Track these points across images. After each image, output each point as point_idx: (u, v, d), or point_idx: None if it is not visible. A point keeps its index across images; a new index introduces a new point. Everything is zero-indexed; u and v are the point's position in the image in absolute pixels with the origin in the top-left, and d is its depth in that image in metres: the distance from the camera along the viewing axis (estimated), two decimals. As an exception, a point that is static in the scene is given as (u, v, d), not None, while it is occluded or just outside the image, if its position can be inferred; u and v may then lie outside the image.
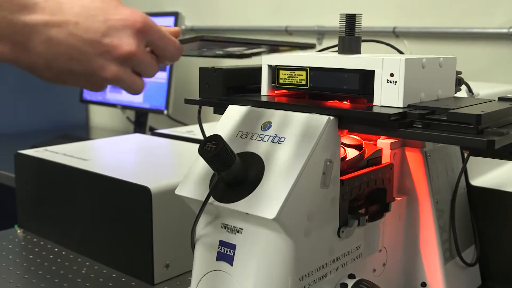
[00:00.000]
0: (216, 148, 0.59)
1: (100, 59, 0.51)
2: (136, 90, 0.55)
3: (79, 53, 0.51)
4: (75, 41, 0.50)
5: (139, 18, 0.53)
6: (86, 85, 0.53)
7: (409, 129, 0.61)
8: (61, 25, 0.50)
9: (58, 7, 0.50)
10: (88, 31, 0.51)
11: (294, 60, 0.73)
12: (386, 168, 0.74)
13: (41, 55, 0.50)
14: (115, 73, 0.52)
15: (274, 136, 0.65)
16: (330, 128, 0.64)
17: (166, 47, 0.55)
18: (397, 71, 0.64)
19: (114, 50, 0.51)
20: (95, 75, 0.52)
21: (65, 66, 0.51)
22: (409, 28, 1.57)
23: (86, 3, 0.52)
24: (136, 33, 0.52)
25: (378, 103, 0.66)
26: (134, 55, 0.52)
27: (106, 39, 0.51)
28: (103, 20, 0.51)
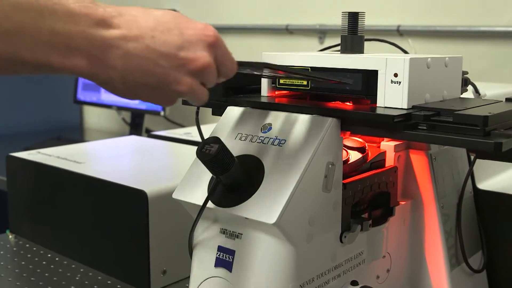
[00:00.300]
0: (214, 151, 0.59)
1: (175, 72, 0.53)
2: (203, 101, 0.58)
3: (155, 67, 0.52)
4: (151, 55, 0.52)
5: (211, 32, 0.55)
6: (158, 98, 0.55)
7: (414, 131, 0.61)
8: (137, 39, 0.52)
9: (134, 21, 0.52)
10: (164, 45, 0.52)
11: (295, 60, 0.73)
12: (390, 171, 0.74)
13: (118, 70, 0.51)
14: (190, 85, 0.54)
15: (275, 138, 0.65)
16: (332, 130, 0.64)
17: (226, 64, 0.57)
18: (401, 71, 0.65)
19: (190, 63, 0.53)
20: (169, 89, 0.54)
21: (140, 80, 0.52)
22: (414, 27, 1.57)
23: (159, 17, 0.54)
24: (209, 46, 0.55)
25: (381, 104, 0.66)
26: (208, 68, 0.55)
27: (182, 52, 0.53)
28: (178, 33, 0.53)
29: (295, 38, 1.83)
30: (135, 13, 0.53)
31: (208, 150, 0.59)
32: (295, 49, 1.79)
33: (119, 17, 0.52)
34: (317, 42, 1.76)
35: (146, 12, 0.54)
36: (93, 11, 0.51)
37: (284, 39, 1.85)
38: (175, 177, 0.96)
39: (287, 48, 1.82)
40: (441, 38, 1.55)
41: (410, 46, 1.57)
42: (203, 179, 0.67)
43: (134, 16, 0.52)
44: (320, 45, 1.74)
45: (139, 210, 0.88)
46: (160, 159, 1.12)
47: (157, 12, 0.54)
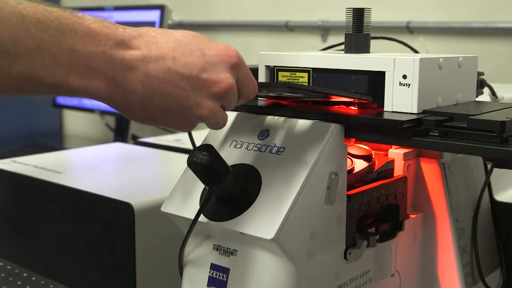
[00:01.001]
0: (207, 160, 0.59)
1: (196, 95, 0.55)
2: (222, 126, 0.59)
3: (176, 89, 0.54)
4: (172, 77, 0.53)
5: (233, 53, 0.57)
6: (177, 123, 0.57)
7: (425, 138, 0.62)
8: (158, 61, 0.53)
9: (154, 42, 0.54)
10: (185, 66, 0.54)
11: (294, 60, 0.74)
12: (399, 182, 0.75)
13: (137, 92, 0.53)
14: (211, 109, 0.56)
15: (273, 145, 0.66)
16: (335, 137, 0.64)
17: (248, 85, 0.59)
18: (411, 72, 0.65)
19: (212, 86, 0.55)
20: (190, 113, 0.55)
21: (160, 104, 0.54)
22: (425, 23, 1.58)
23: (179, 38, 0.55)
24: (231, 68, 0.56)
25: (389, 108, 0.67)
26: (231, 90, 0.56)
27: (204, 74, 0.55)
28: (200, 54, 0.55)
29: (295, 36, 1.83)
30: (154, 34, 0.55)
31: (200, 159, 0.60)
32: (295, 48, 1.79)
33: (139, 38, 0.53)
34: (320, 40, 1.76)
35: (165, 33, 0.55)
36: (113, 31, 0.52)
37: (283, 37, 1.85)
38: (164, 188, 0.96)
39: (286, 47, 1.82)
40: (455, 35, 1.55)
41: (421, 45, 1.57)
42: (195, 190, 0.67)
43: (154, 37, 0.54)
44: (323, 43, 1.74)
45: (124, 224, 0.88)
46: (148, 169, 1.13)
47: (176, 33, 0.56)
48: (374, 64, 0.67)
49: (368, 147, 0.75)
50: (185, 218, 0.66)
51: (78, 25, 0.51)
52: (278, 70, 0.74)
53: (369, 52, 0.76)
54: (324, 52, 0.80)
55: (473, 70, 0.75)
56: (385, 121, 0.63)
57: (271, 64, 0.75)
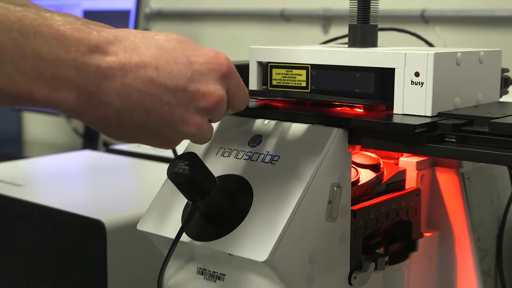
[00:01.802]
0: (190, 170, 0.60)
1: (183, 110, 0.55)
2: (209, 140, 0.60)
3: (159, 103, 0.54)
4: (155, 89, 0.53)
5: (224, 60, 0.57)
6: (160, 141, 0.57)
7: (440, 145, 0.62)
8: (139, 70, 0.53)
9: (134, 47, 0.53)
10: (171, 77, 0.54)
11: (291, 55, 0.74)
12: (411, 195, 0.75)
13: (113, 106, 0.53)
14: (199, 125, 0.56)
15: (266, 154, 0.66)
16: (337, 143, 0.65)
17: (238, 96, 0.59)
18: (424, 69, 0.66)
19: (201, 99, 0.55)
20: (174, 130, 0.55)
21: (140, 119, 0.54)
22: (443, 12, 1.58)
23: (163, 43, 0.55)
24: (222, 78, 0.57)
25: (399, 110, 0.67)
26: (221, 104, 0.56)
27: (192, 85, 0.55)
28: (186, 63, 0.55)
29: (292, 26, 1.84)
30: (134, 38, 0.54)
31: (182, 169, 0.60)
32: (292, 41, 1.80)
33: (116, 42, 0.53)
34: (320, 32, 1.77)
35: (147, 37, 0.55)
36: (86, 35, 0.52)
37: (278, 28, 1.86)
38: (140, 203, 0.96)
39: (282, 40, 1.83)
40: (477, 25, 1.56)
41: (437, 37, 1.57)
42: (176, 205, 0.67)
43: (133, 42, 0.54)
44: (324, 35, 1.75)
45: (94, 244, 0.88)
46: (122, 181, 1.13)
47: (159, 37, 0.56)
48: (382, 60, 0.68)
49: (376, 155, 0.75)
50: (165, 237, 0.66)
51: (45, 27, 0.50)
52: (271, 66, 0.75)
53: (377, 46, 0.77)
54: (324, 46, 0.81)
55: (496, 66, 0.76)
56: (395, 125, 0.64)
57: (263, 60, 0.76)
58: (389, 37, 0.86)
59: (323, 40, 1.05)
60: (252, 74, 0.76)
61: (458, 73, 0.70)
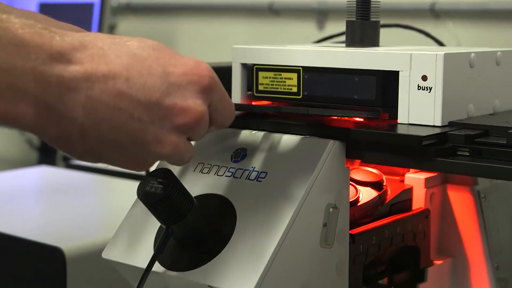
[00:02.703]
0: (163, 189, 0.60)
1: (156, 128, 0.55)
2: (187, 162, 0.60)
3: (130, 120, 0.54)
4: (125, 103, 0.53)
5: (205, 71, 0.57)
6: (130, 162, 0.57)
7: (452, 159, 0.62)
8: (107, 81, 0.53)
9: (102, 55, 0.54)
10: (143, 90, 0.54)
11: (280, 56, 0.74)
12: (419, 217, 0.76)
13: (77, 122, 0.52)
14: (175, 145, 0.56)
15: (251, 170, 0.66)
16: (333, 158, 0.65)
17: (222, 112, 0.60)
18: (433, 72, 0.66)
19: (177, 116, 0.55)
20: (147, 150, 0.55)
21: (107, 138, 0.54)
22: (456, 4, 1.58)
23: (136, 51, 0.55)
24: (202, 91, 0.57)
25: (404, 119, 0.68)
26: (201, 121, 0.56)
27: (167, 100, 0.55)
28: (162, 73, 0.55)
29: (282, 22, 1.84)
30: (102, 44, 0.54)
31: (154, 188, 0.60)
32: (282, 39, 1.79)
33: (82, 49, 0.53)
34: (315, 28, 1.77)
35: (117, 43, 0.55)
36: (48, 40, 0.52)
37: (266, 24, 1.85)
38: (106, 227, 0.96)
39: (270, 38, 1.82)
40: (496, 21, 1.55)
41: (450, 33, 1.56)
42: (148, 230, 0.67)
43: (101, 48, 0.54)
44: (319, 32, 1.75)
45: (53, 275, 0.88)
46: (84, 201, 1.13)
47: (132, 43, 0.56)
48: (385, 62, 0.69)
49: (378, 171, 0.76)
50: (135, 267, 0.66)
51: (1, 31, 0.50)
52: (258, 69, 0.75)
53: (378, 45, 0.77)
54: (319, 46, 0.81)
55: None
56: (400, 136, 0.64)
57: (248, 62, 0.76)
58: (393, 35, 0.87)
59: (317, 38, 1.05)
60: (235, 78, 0.77)
61: (472, 76, 0.70)
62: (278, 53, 0.75)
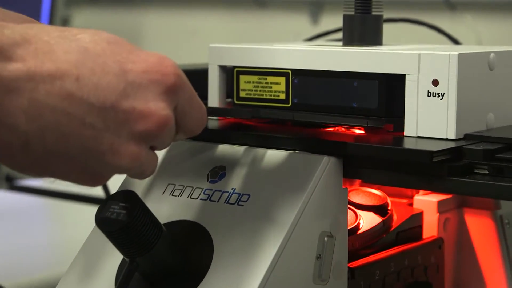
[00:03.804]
0: (126, 215, 0.60)
1: (112, 136, 0.54)
2: (151, 173, 0.60)
3: (80, 126, 0.53)
4: (74, 107, 0.53)
5: (171, 68, 0.57)
6: (81, 176, 0.56)
7: (469, 178, 0.63)
8: (53, 81, 0.53)
9: (48, 51, 0.53)
10: (96, 90, 0.54)
11: (265, 57, 0.75)
12: (431, 247, 0.76)
13: (18, 129, 0.52)
14: (135, 156, 0.56)
15: (231, 192, 0.67)
16: (329, 177, 0.66)
17: (191, 116, 0.60)
18: (445, 75, 0.67)
19: (137, 121, 0.55)
20: (102, 161, 0.55)
21: (54, 147, 0.54)
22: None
23: (87, 45, 0.55)
24: (167, 92, 0.57)
25: (412, 132, 0.68)
26: (166, 126, 0.56)
27: (125, 102, 0.55)
28: (119, 72, 0.55)
29: (269, 15, 1.84)
30: (48, 38, 0.54)
31: (115, 214, 0.60)
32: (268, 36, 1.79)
33: (24, 44, 0.53)
34: (307, 22, 1.77)
35: (65, 37, 0.55)
36: None
37: (250, 17, 1.85)
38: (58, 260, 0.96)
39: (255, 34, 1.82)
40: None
41: (468, 28, 1.56)
42: (107, 263, 0.67)
43: (47, 43, 0.54)
44: (313, 27, 1.75)
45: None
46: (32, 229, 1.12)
47: (83, 37, 0.56)
48: (389, 63, 0.69)
49: (382, 192, 0.76)
50: (93, 308, 0.66)
51: None
52: (239, 72, 0.76)
53: (382, 44, 0.78)
54: (311, 44, 0.82)
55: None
56: (407, 152, 0.65)
57: (228, 64, 0.77)
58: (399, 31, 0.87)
59: (310, 35, 1.05)
60: (212, 83, 0.77)
61: (492, 80, 0.71)
62: (263, 53, 0.75)
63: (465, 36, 1.13)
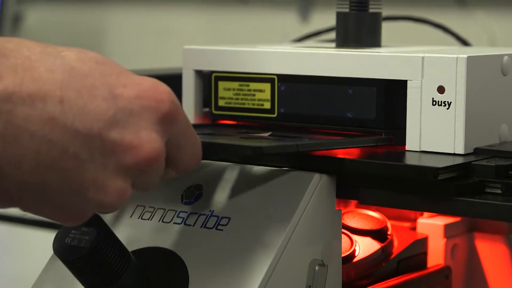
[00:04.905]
0: (89, 242, 0.60)
1: (98, 168, 0.54)
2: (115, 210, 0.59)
3: (62, 156, 0.53)
4: (57, 133, 0.53)
5: (166, 95, 0.57)
6: (60, 213, 0.56)
7: (479, 198, 0.63)
8: (34, 103, 0.52)
9: (29, 67, 0.53)
10: (82, 116, 0.54)
11: (247, 60, 0.76)
12: (437, 277, 0.77)
13: None
14: (120, 193, 0.56)
15: (209, 215, 0.67)
16: (320, 197, 0.66)
17: (185, 149, 0.60)
18: (452, 81, 0.68)
19: (126, 153, 0.55)
20: (84, 197, 0.55)
21: (31, 178, 0.53)
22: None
23: (73, 64, 0.55)
24: (161, 122, 0.57)
25: (415, 146, 0.69)
26: (156, 162, 0.56)
27: (113, 132, 0.55)
28: (108, 95, 0.55)
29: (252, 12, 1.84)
30: (30, 52, 0.54)
31: (77, 239, 0.61)
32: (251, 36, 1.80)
33: (1, 59, 0.53)
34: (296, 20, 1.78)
35: (49, 53, 0.55)
36: None
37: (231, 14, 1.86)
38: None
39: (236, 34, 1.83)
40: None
41: (478, 26, 1.57)
42: (67, 297, 0.68)
43: (28, 58, 0.54)
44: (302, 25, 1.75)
45: None
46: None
47: (68, 54, 0.56)
48: (388, 68, 0.70)
49: (381, 215, 0.77)
50: None
51: None
52: (217, 78, 0.77)
53: (380, 45, 0.79)
54: (300, 46, 0.82)
55: None
56: (409, 168, 0.65)
57: (205, 68, 0.78)
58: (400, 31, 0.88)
59: (299, 35, 1.06)
60: (186, 90, 0.78)
61: (506, 87, 0.72)
62: (245, 56, 0.76)
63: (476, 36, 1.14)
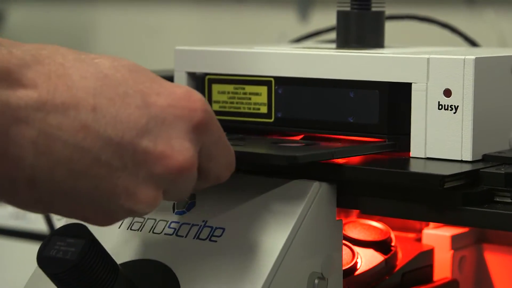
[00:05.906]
0: (76, 254, 0.60)
1: (129, 176, 0.56)
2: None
3: (94, 163, 0.54)
4: (89, 141, 0.54)
5: (199, 104, 0.58)
6: (91, 216, 0.58)
7: (488, 208, 0.63)
8: (66, 111, 0.54)
9: (62, 74, 0.54)
10: (115, 124, 0.55)
11: (243, 62, 0.76)
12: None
13: (24, 163, 0.53)
14: (151, 201, 0.57)
15: (202, 225, 0.67)
16: (320, 207, 0.66)
17: (217, 159, 0.61)
18: (459, 84, 0.68)
19: (158, 161, 0.56)
20: (115, 203, 0.56)
21: (63, 185, 0.55)
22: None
23: (107, 71, 0.56)
24: (194, 131, 0.58)
25: (419, 152, 0.69)
26: (188, 171, 0.57)
27: (146, 139, 0.56)
28: (141, 104, 0.56)
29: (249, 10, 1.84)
30: (63, 60, 0.55)
31: (62, 251, 0.60)
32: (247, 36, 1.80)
33: (35, 65, 0.54)
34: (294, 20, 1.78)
35: (82, 60, 0.56)
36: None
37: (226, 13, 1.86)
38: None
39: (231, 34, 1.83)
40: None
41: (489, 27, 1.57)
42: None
43: (62, 65, 0.55)
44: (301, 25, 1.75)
45: None
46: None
47: (102, 61, 0.57)
48: (392, 70, 0.70)
49: (384, 225, 0.77)
50: None
51: None
52: (211, 81, 0.77)
53: (383, 46, 0.79)
54: (298, 47, 0.82)
55: None
56: (413, 176, 0.65)
57: (198, 70, 0.78)
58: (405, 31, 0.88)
59: (298, 35, 1.06)
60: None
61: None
62: (240, 57, 0.76)
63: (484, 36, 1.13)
